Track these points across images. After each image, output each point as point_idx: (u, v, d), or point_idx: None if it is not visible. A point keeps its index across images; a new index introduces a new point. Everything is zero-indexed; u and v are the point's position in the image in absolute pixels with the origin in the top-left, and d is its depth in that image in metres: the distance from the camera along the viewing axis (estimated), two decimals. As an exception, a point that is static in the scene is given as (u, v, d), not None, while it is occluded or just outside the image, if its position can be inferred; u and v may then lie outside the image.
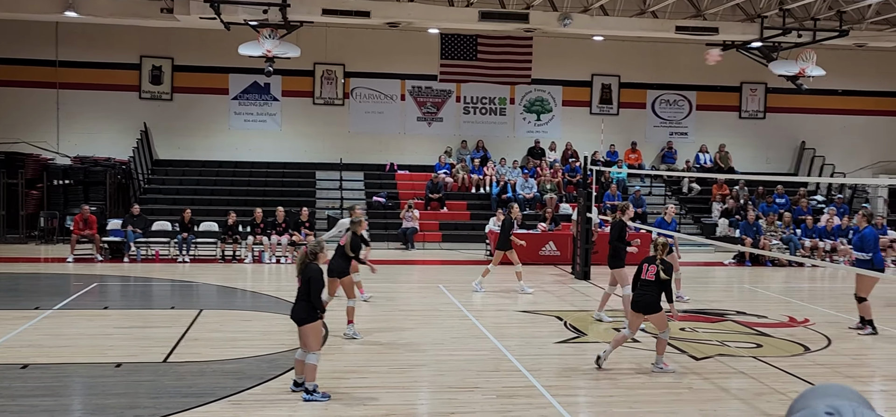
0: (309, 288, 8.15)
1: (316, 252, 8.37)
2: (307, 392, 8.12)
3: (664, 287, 9.43)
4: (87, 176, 23.30)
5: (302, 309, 8.20)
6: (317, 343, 8.23)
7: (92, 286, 15.62)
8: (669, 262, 9.63)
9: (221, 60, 25.01)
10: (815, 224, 22.45)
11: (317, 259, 8.34)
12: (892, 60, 26.82)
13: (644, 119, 27.70)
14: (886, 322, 13.18)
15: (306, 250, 8.45)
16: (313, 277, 8.17)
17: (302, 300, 8.23)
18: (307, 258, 8.31)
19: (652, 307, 9.49)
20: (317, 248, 8.41)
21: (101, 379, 8.96)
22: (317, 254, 8.35)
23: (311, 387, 8.13)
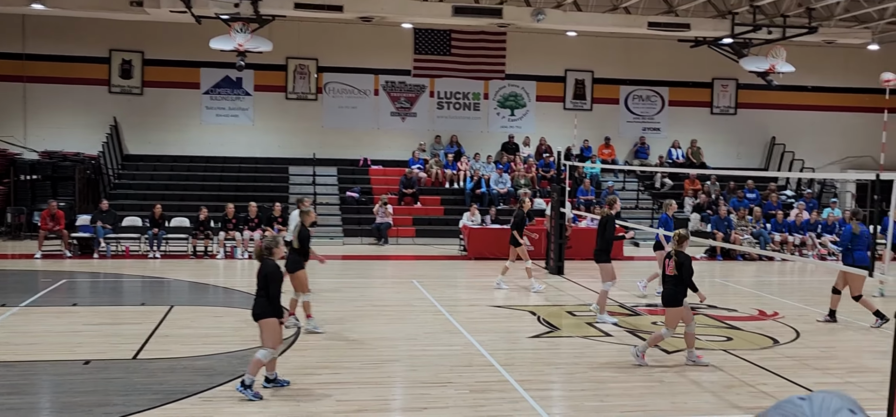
0: (266, 284, 8.04)
1: (271, 247, 8.22)
2: (242, 384, 7.95)
3: (679, 280, 9.40)
4: (56, 171, 22.98)
5: (259, 305, 8.12)
6: (271, 339, 8.05)
7: (60, 282, 15.41)
8: (685, 254, 9.55)
9: (193, 54, 24.76)
10: (784, 218, 22.71)
11: (272, 254, 8.21)
12: (860, 57, 27.18)
13: (617, 114, 27.85)
14: (853, 314, 13.36)
15: (261, 245, 8.32)
16: (270, 273, 8.06)
17: (260, 296, 8.13)
18: (263, 253, 8.19)
19: (669, 300, 9.53)
20: (272, 243, 8.27)
21: (70, 377, 8.84)
22: (272, 249, 8.21)
23: (249, 381, 7.94)
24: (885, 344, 9.50)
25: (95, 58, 24.94)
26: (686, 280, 9.46)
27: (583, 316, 12.85)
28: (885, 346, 9.09)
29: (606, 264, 12.34)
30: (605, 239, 12.48)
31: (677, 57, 26.55)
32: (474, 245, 20.37)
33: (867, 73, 27.52)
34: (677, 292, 9.52)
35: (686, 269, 9.45)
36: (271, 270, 8.10)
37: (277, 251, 8.32)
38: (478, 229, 20.93)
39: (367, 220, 23.48)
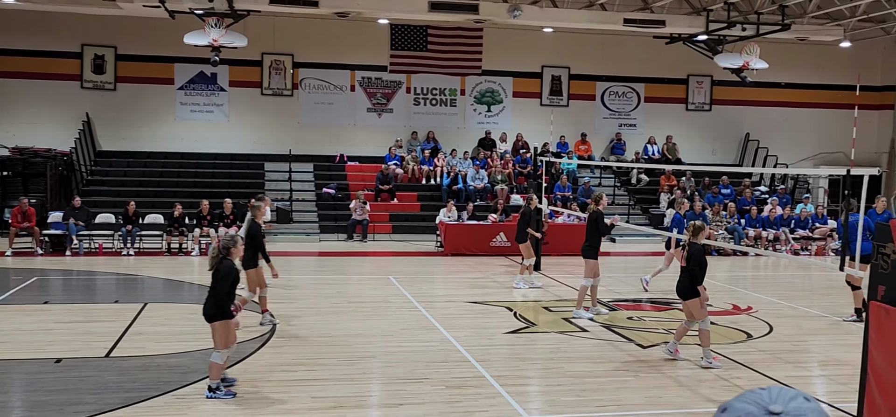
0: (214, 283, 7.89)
1: (228, 247, 8.02)
2: (210, 390, 7.82)
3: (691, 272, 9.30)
4: (27, 167, 22.66)
5: (210, 305, 7.94)
6: (222, 340, 7.88)
7: (32, 280, 15.21)
8: (697, 245, 9.45)
9: (166, 50, 24.52)
10: (758, 214, 22.93)
11: (230, 254, 8.01)
12: (832, 54, 27.49)
13: (593, 110, 27.95)
14: (827, 308, 13.53)
15: (219, 244, 8.13)
16: (222, 273, 7.87)
17: (212, 296, 7.96)
18: (220, 253, 7.99)
19: (685, 292, 9.44)
20: (230, 243, 8.07)
21: (41, 375, 8.72)
22: (230, 249, 8.01)
23: (215, 385, 7.83)
24: (855, 337, 9.61)
25: (67, 53, 24.63)
26: (693, 270, 9.32)
27: (559, 312, 12.89)
28: (855, 340, 9.20)
29: (593, 260, 12.19)
30: (599, 234, 12.26)
31: (653, 53, 26.70)
32: (451, 241, 20.37)
33: (839, 70, 27.87)
34: (692, 282, 9.39)
35: (695, 260, 9.33)
36: (223, 271, 7.87)
37: (235, 251, 8.09)
38: (454, 225, 20.93)
39: (343, 217, 23.41)
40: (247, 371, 8.95)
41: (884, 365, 6.93)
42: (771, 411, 1.30)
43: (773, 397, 1.33)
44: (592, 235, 12.23)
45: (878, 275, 7.12)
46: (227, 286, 7.91)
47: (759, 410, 1.31)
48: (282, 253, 15.26)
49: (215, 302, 7.90)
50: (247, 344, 10.17)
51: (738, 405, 1.34)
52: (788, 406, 1.32)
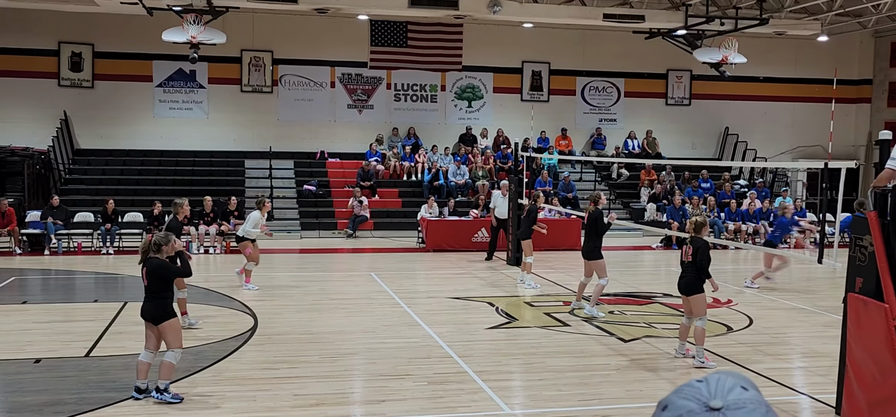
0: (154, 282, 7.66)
1: (160, 244, 7.77)
2: (158, 391, 7.59)
3: (700, 267, 9.23)
4: (4, 166, 22.40)
5: (155, 307, 7.68)
6: (177, 339, 7.72)
7: (9, 280, 15.06)
8: (702, 240, 9.40)
9: (145, 47, 24.32)
10: (738, 207, 23.09)
11: (160, 251, 7.76)
12: (810, 48, 27.73)
13: (574, 105, 28.03)
14: (805, 299, 13.66)
15: (150, 239, 7.84)
16: (152, 270, 7.65)
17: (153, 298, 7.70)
18: (150, 249, 7.74)
19: (690, 288, 9.34)
20: (162, 240, 7.81)
21: (19, 376, 8.64)
22: (161, 246, 7.76)
23: (163, 385, 7.60)
24: (834, 329, 9.71)
25: (44, 50, 24.37)
26: (699, 266, 9.26)
27: (541, 307, 12.93)
28: (834, 331, 9.30)
29: (599, 260, 11.96)
30: (599, 234, 12.04)
31: (632, 48, 26.81)
32: (432, 237, 20.36)
33: (817, 64, 28.13)
34: (698, 279, 9.34)
35: (702, 254, 9.26)
36: (153, 267, 7.67)
37: (167, 248, 7.85)
38: (436, 221, 20.93)
39: (324, 213, 23.36)
40: (228, 369, 8.91)
41: (862, 357, 7.01)
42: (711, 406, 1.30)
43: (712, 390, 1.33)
44: (593, 236, 12.06)
45: (856, 267, 7.20)
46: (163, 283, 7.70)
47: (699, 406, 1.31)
48: (263, 250, 15.17)
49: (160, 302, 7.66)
50: (228, 342, 10.13)
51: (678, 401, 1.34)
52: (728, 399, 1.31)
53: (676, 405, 1.33)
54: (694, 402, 1.31)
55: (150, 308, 7.72)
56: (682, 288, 9.54)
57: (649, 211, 23.95)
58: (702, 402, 1.31)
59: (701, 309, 9.37)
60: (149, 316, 7.73)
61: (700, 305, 9.37)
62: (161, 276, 7.70)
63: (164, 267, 7.75)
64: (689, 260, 9.41)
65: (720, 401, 1.31)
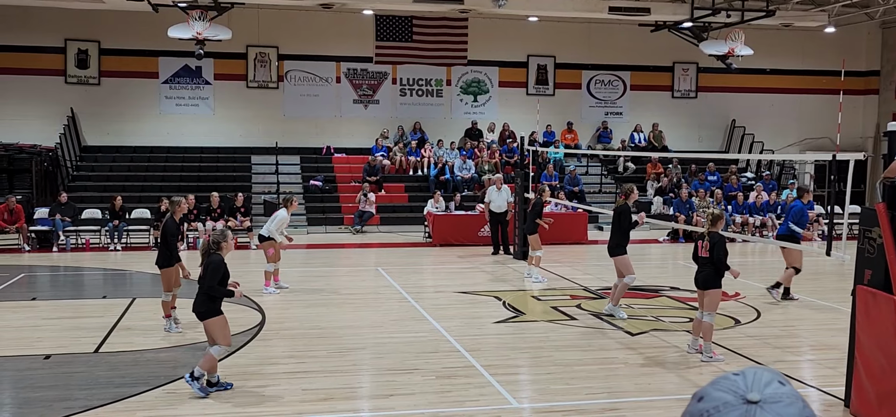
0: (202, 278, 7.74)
1: (219, 241, 7.88)
2: (191, 376, 7.68)
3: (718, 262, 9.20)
4: (12, 163, 22.51)
5: (200, 303, 7.81)
6: (223, 336, 7.80)
7: (19, 277, 15.12)
8: (719, 234, 9.35)
9: (150, 43, 24.35)
10: (745, 200, 23.03)
11: (220, 248, 7.85)
12: (817, 40, 27.61)
13: (579, 99, 27.98)
14: (814, 293, 13.63)
15: (208, 238, 7.97)
16: (211, 268, 7.72)
17: (201, 292, 7.82)
18: (210, 248, 7.87)
19: (708, 282, 9.30)
20: (220, 238, 7.93)
21: (30, 372, 8.68)
22: (220, 244, 7.87)
23: (198, 373, 7.70)
24: (842, 321, 9.69)
25: (50, 48, 24.42)
26: (717, 260, 9.21)
27: (548, 301, 12.93)
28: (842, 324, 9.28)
29: (623, 256, 11.34)
30: (622, 230, 11.36)
31: (638, 41, 26.74)
32: (439, 231, 20.37)
33: (824, 56, 28.01)
34: (716, 273, 9.29)
35: (720, 248, 9.22)
36: (213, 264, 7.74)
37: (225, 245, 7.94)
38: (442, 216, 20.93)
39: (331, 209, 23.39)
40: (237, 365, 8.94)
41: (871, 349, 6.99)
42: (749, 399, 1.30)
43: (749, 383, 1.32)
44: (617, 231, 11.37)
45: (865, 259, 7.18)
46: (217, 280, 7.80)
47: (736, 398, 1.30)
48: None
49: (206, 298, 7.79)
50: (236, 338, 10.15)
51: (714, 393, 1.33)
52: (765, 393, 1.31)
53: (712, 396, 1.32)
54: (730, 395, 1.31)
55: (197, 304, 7.86)
56: (699, 283, 9.47)
57: (656, 204, 23.89)
58: (739, 395, 1.30)
59: (713, 305, 9.35)
60: (195, 311, 7.88)
61: (714, 300, 9.35)
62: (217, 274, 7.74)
63: (217, 270, 7.76)
64: (706, 256, 9.35)
65: (758, 394, 1.30)
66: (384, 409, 7.67)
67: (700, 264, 9.44)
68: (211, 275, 7.76)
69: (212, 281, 7.75)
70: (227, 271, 7.94)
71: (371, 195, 22.73)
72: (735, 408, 1.29)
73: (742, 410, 1.29)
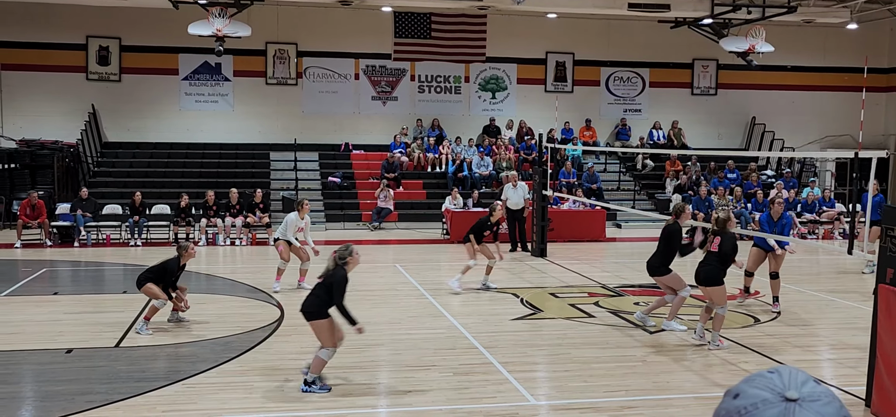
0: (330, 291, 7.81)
1: (345, 256, 7.92)
2: (306, 384, 7.83)
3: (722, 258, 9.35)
4: (34, 159, 22.75)
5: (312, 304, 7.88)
6: (329, 339, 7.87)
7: (41, 272, 15.29)
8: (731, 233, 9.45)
9: (171, 40, 24.53)
10: (765, 198, 22.85)
11: (346, 264, 7.88)
12: (839, 36, 27.35)
13: (598, 96, 27.89)
14: (834, 291, 13.52)
15: (335, 255, 7.95)
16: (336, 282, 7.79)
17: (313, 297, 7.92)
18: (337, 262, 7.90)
19: (711, 279, 9.40)
20: (346, 253, 7.94)
21: (52, 366, 8.78)
22: (346, 259, 7.91)
23: (311, 379, 7.86)
24: (863, 321, 9.61)
25: (72, 44, 24.66)
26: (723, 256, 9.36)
27: (566, 298, 12.90)
28: (864, 323, 9.20)
29: (667, 276, 10.35)
30: (671, 249, 10.32)
31: (658, 38, 26.61)
32: (457, 228, 20.36)
33: (846, 53, 27.74)
34: (720, 270, 9.40)
35: (730, 246, 9.37)
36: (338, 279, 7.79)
37: (351, 260, 7.94)
38: (460, 212, 20.94)
39: (349, 205, 23.45)
40: (256, 361, 9.00)
41: (892, 348, 6.93)
42: (787, 397, 1.28)
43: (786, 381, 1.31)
44: (664, 251, 10.36)
45: (887, 258, 7.12)
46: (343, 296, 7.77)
47: (773, 396, 1.29)
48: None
49: (317, 301, 7.82)
50: (255, 333, 10.22)
51: (750, 390, 1.31)
52: (803, 391, 1.30)
53: (749, 394, 1.31)
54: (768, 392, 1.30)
55: (308, 304, 7.90)
56: (700, 279, 9.55)
57: (674, 201, 23.77)
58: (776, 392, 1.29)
59: (722, 299, 9.44)
60: (304, 310, 7.91)
61: (721, 295, 9.43)
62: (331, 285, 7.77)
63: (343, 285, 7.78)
64: (715, 251, 9.39)
65: (796, 392, 1.29)
66: (402, 405, 7.70)
67: (705, 258, 9.54)
68: (339, 292, 7.74)
69: (340, 299, 7.73)
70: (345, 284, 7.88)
71: (389, 191, 22.79)
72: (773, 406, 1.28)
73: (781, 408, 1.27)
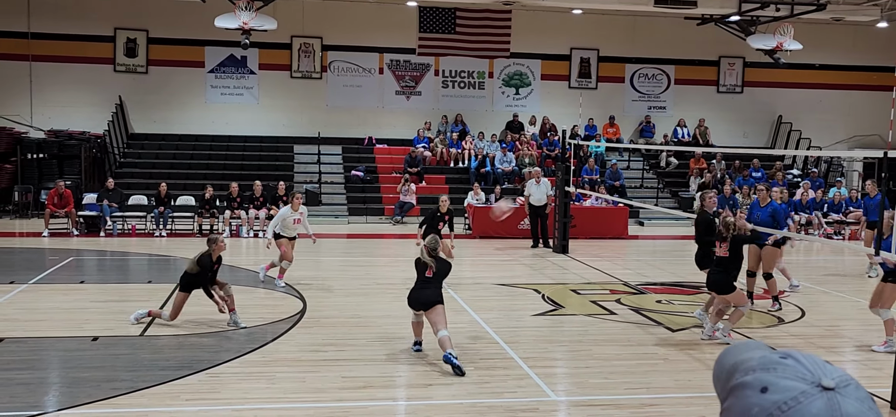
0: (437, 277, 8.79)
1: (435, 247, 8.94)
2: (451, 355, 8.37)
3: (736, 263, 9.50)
4: (62, 149, 23.02)
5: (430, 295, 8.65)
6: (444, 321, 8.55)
7: (68, 260, 15.49)
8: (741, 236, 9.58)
9: (197, 33, 24.72)
10: (790, 197, 22.63)
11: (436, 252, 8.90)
12: (868, 34, 27.01)
13: (622, 93, 27.75)
14: (858, 292, 13.38)
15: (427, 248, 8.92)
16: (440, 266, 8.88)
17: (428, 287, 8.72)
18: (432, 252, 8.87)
19: (721, 287, 9.49)
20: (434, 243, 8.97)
21: (78, 353, 8.90)
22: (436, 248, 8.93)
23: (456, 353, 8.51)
24: (889, 322, 9.50)
25: (100, 36, 24.91)
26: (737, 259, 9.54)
27: (587, 295, 12.88)
28: (889, 324, 9.10)
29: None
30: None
31: (683, 35, 26.42)
32: (479, 224, 20.38)
33: (875, 51, 27.39)
34: (728, 277, 9.48)
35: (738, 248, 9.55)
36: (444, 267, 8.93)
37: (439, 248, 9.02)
38: (482, 208, 20.93)
39: (372, 199, 23.52)
40: (278, 352, 9.06)
41: (918, 350, 6.85)
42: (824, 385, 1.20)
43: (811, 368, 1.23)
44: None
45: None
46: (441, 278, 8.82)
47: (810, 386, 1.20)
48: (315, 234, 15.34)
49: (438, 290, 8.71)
50: (278, 325, 10.30)
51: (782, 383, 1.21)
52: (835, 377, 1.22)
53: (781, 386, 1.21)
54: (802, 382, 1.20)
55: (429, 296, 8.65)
56: (710, 285, 9.66)
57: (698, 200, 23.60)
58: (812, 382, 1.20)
59: (741, 300, 9.55)
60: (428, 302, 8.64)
61: (739, 298, 9.54)
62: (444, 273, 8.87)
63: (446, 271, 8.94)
64: (724, 256, 9.48)
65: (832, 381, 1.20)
66: (422, 399, 7.72)
67: (715, 263, 9.61)
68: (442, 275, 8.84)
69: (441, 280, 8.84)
70: None
71: (411, 186, 22.82)
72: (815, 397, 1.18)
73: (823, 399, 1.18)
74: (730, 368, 1.33)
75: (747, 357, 1.30)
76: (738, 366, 1.30)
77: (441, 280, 8.82)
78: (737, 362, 1.32)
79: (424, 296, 8.71)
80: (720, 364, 1.37)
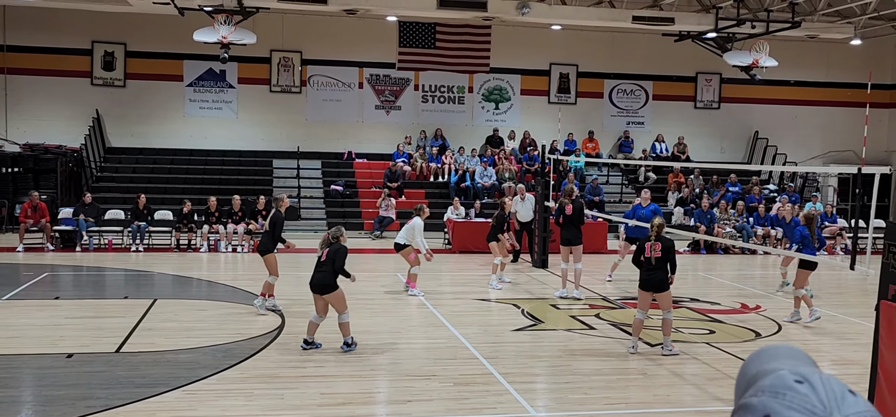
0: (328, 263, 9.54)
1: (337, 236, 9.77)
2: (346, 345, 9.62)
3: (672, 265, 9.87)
4: (38, 163, 22.78)
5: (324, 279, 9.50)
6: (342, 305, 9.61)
7: (42, 276, 15.30)
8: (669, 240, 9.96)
9: (176, 46, 24.60)
10: (767, 212, 22.85)
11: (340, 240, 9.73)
12: (843, 52, 27.37)
13: (601, 108, 27.91)
14: (836, 306, 13.50)
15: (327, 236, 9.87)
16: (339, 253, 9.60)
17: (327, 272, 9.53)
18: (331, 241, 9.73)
19: (663, 284, 9.82)
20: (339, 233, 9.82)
21: (52, 370, 8.78)
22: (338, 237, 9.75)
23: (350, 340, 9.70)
24: (865, 337, 9.59)
25: (77, 49, 24.72)
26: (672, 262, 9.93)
27: (567, 310, 12.89)
28: (865, 339, 9.18)
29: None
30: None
31: (661, 51, 26.65)
32: (458, 238, 20.38)
33: (850, 69, 27.76)
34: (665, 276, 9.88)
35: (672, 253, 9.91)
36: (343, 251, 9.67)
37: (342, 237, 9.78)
38: (462, 223, 20.94)
39: (351, 214, 23.45)
40: (256, 368, 8.99)
41: (894, 364, 6.92)
42: None
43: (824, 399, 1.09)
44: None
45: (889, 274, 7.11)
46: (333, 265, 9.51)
47: None
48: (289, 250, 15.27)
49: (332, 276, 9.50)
50: (255, 340, 10.22)
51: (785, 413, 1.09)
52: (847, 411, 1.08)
53: None
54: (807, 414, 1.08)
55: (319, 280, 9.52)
56: (654, 286, 9.86)
57: (676, 215, 23.76)
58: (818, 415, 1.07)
59: (669, 303, 9.94)
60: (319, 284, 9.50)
61: (669, 300, 9.95)
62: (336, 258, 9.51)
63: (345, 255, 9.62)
64: (658, 256, 9.78)
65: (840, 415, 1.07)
66: (401, 414, 7.69)
67: (649, 267, 9.82)
68: (342, 259, 9.52)
69: (342, 264, 9.51)
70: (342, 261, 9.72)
71: (391, 200, 22.79)
72: None
73: None
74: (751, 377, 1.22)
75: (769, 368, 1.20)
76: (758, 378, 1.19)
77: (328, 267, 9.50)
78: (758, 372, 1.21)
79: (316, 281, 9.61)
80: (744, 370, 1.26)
